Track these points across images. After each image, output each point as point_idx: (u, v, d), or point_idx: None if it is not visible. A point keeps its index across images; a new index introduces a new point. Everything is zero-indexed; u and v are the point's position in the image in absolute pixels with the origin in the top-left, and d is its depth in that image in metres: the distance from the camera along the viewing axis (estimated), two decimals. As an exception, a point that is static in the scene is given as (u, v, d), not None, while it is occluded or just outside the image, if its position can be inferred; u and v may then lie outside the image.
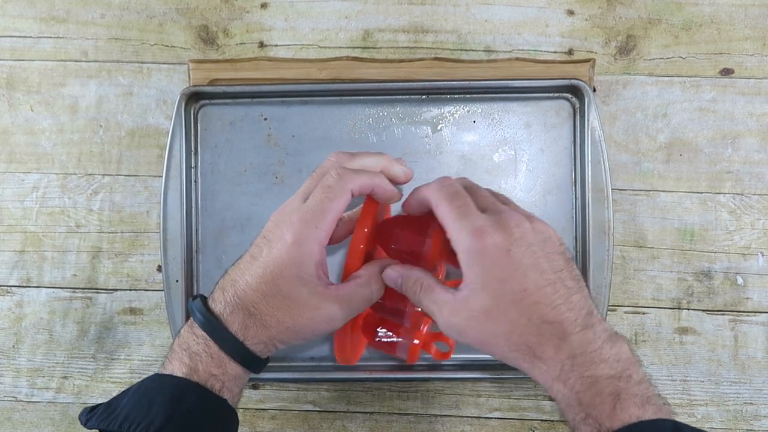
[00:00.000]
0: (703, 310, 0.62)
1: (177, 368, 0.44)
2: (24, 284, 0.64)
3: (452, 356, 0.60)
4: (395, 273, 0.46)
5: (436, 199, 0.44)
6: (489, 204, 0.44)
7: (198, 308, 0.44)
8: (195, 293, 0.60)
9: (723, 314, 0.62)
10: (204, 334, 0.44)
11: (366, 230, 0.46)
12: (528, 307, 0.41)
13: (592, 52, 0.63)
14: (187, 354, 0.44)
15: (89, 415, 0.42)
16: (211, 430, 0.43)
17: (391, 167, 0.47)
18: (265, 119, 0.61)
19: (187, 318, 0.46)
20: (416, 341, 0.53)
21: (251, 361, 0.45)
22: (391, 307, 0.50)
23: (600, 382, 0.40)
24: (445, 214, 0.43)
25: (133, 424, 0.41)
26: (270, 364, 0.59)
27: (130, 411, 0.42)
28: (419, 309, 0.46)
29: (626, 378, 0.40)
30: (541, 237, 0.42)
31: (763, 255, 0.62)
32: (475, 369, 0.59)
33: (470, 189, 0.46)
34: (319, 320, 0.44)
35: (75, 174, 0.64)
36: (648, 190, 0.62)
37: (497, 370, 0.59)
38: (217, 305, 0.44)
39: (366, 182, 0.45)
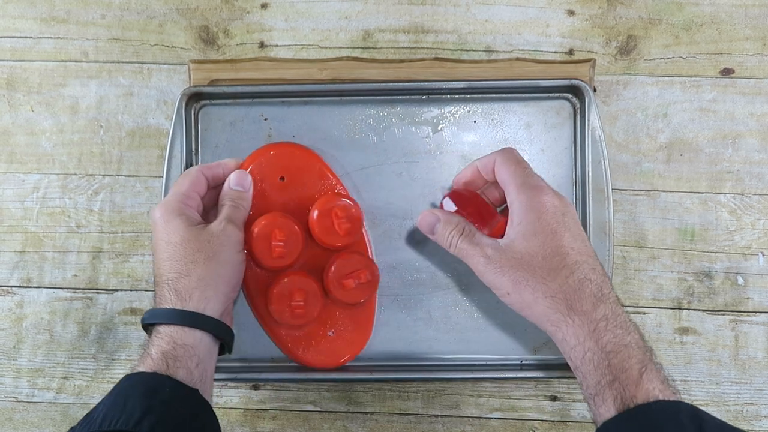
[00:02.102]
0: (704, 310, 0.62)
1: (147, 365, 0.45)
2: (24, 285, 0.64)
3: (453, 357, 0.60)
4: (432, 217, 0.50)
5: (503, 160, 0.49)
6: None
7: (150, 312, 0.48)
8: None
9: (723, 314, 0.62)
10: (166, 327, 0.47)
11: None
12: (573, 263, 0.44)
13: (592, 52, 0.63)
14: (156, 351, 0.46)
15: (70, 430, 0.43)
16: (190, 419, 0.44)
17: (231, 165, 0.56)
18: (266, 119, 0.61)
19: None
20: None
21: (216, 327, 0.48)
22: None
23: (631, 347, 0.42)
24: (510, 172, 0.48)
25: (112, 421, 0.41)
26: (270, 364, 0.59)
27: (107, 412, 0.43)
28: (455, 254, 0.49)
29: (650, 352, 0.42)
30: (577, 217, 0.47)
31: (763, 255, 0.62)
32: (475, 369, 0.59)
33: None
34: (226, 242, 0.51)
35: (75, 174, 0.64)
36: (648, 190, 0.62)
37: (497, 370, 0.59)
38: (165, 302, 0.48)
39: (215, 166, 0.56)
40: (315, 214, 0.56)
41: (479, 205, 0.51)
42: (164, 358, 0.45)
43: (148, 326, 0.49)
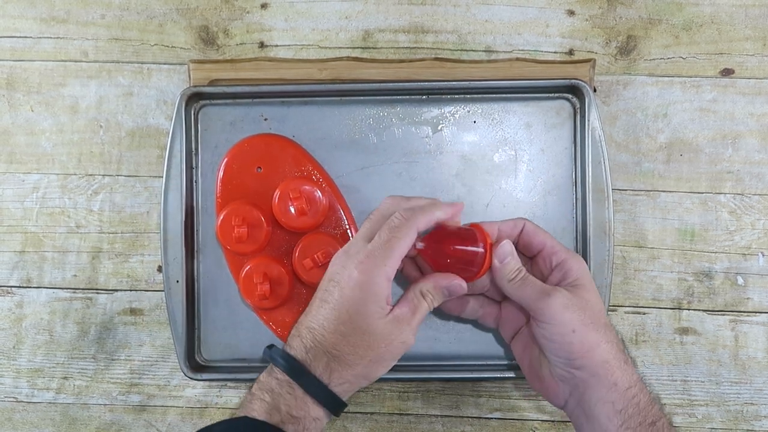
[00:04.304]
0: (704, 311, 0.62)
1: (258, 407, 0.45)
2: (24, 285, 0.64)
3: (453, 357, 0.60)
4: (510, 247, 0.50)
5: (537, 228, 0.52)
6: None
7: (280, 354, 0.47)
8: (196, 293, 0.60)
9: (723, 314, 0.62)
10: (287, 378, 0.45)
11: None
12: (610, 322, 0.52)
13: (592, 52, 0.63)
14: (269, 395, 0.45)
15: None
16: None
17: (445, 213, 0.50)
18: (266, 119, 0.61)
19: (190, 330, 0.46)
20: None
21: (334, 404, 0.46)
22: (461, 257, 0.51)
23: (660, 399, 0.54)
24: (557, 243, 0.52)
25: None
26: (270, 364, 0.59)
27: None
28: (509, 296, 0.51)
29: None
30: None
31: (763, 255, 0.62)
32: (475, 369, 0.59)
33: None
34: (397, 344, 0.48)
35: (75, 174, 0.64)
36: (648, 190, 0.62)
37: (498, 370, 0.59)
38: (298, 351, 0.46)
39: (429, 219, 0.49)
40: (276, 197, 0.57)
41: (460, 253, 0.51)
42: (288, 416, 0.45)
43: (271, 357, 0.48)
